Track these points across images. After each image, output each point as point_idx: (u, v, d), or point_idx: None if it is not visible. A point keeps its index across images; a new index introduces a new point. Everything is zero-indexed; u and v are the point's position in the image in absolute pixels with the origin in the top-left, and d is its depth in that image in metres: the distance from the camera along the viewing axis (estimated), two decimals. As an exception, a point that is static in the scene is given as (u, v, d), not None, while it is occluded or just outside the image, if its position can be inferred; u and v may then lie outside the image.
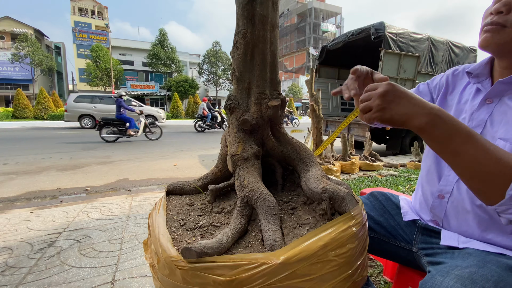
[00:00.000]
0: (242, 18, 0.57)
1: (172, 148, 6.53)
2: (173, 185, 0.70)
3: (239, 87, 0.60)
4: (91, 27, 34.53)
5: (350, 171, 3.37)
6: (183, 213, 0.58)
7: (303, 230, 0.49)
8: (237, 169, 0.58)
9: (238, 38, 0.56)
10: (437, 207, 0.64)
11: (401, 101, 0.45)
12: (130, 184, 3.55)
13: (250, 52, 0.59)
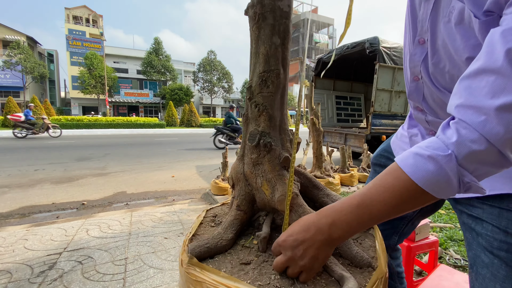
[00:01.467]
0: (274, 59, 0.58)
1: (169, 159, 6.47)
2: (198, 249, 0.54)
3: (271, 124, 0.61)
4: (85, 35, 34.45)
5: (350, 183, 3.40)
6: (249, 279, 0.50)
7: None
8: (292, 213, 0.58)
9: (270, 77, 0.58)
10: (413, 91, 0.62)
11: (303, 245, 0.44)
12: (127, 197, 3.50)
13: (281, 91, 0.61)
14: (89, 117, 16.13)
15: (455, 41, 0.47)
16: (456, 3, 0.44)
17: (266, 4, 0.58)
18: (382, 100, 5.02)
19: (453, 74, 0.51)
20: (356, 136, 5.27)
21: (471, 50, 0.45)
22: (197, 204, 2.94)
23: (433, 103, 0.59)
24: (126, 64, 37.78)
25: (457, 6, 0.44)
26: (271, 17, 0.57)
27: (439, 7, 0.49)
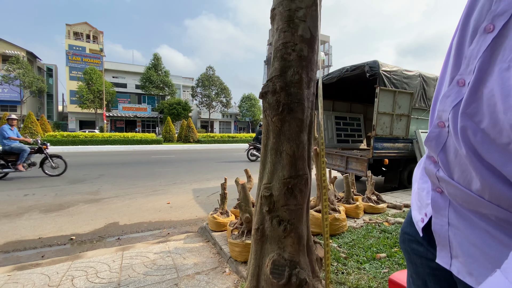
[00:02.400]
0: (302, 161, 0.47)
1: (165, 181, 6.28)
2: None
3: (300, 247, 0.49)
4: (85, 51, 34.84)
5: (355, 215, 3.24)
6: None
7: None
8: None
9: (298, 184, 0.49)
10: (433, 138, 0.50)
11: None
12: (120, 230, 3.29)
13: (307, 199, 0.48)
14: (85, 133, 15.93)
15: (509, 97, 0.36)
16: None
17: (293, 93, 0.46)
18: (384, 124, 4.94)
19: (489, 135, 0.39)
20: (358, 160, 5.16)
21: None
22: (193, 241, 2.75)
23: (453, 159, 0.47)
24: (125, 79, 38.04)
25: None
26: (300, 110, 0.46)
27: (499, 46, 0.38)
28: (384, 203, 3.58)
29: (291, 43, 0.48)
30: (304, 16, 0.47)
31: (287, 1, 0.49)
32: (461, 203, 0.49)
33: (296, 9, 0.48)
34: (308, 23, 0.47)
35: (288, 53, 0.48)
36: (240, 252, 2.10)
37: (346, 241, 2.41)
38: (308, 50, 0.47)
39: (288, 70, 0.47)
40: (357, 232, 2.62)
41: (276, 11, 0.51)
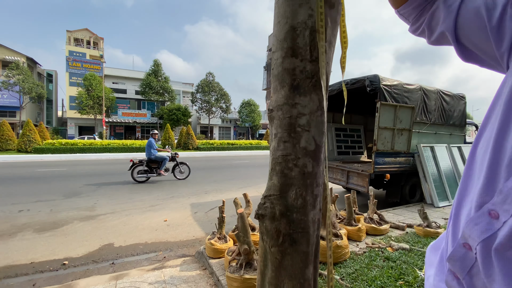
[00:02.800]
0: None
1: (162, 194, 6.18)
2: None
3: None
4: (86, 57, 34.96)
5: (357, 238, 3.15)
6: None
7: None
8: None
9: None
10: (458, 259, 0.42)
11: None
12: (114, 253, 3.19)
13: None
14: (84, 141, 15.83)
15: None
16: None
17: (296, 220, 0.39)
18: (385, 138, 4.88)
19: None
20: (359, 175, 5.08)
21: None
22: (190, 268, 2.65)
23: (481, 287, 0.40)
24: (125, 84, 38.12)
25: None
26: (305, 242, 0.39)
27: None
28: (386, 224, 3.49)
29: (293, 156, 0.41)
30: (307, 125, 0.41)
31: (287, 106, 0.42)
32: None
33: (298, 115, 0.41)
34: (312, 132, 0.40)
35: (289, 168, 0.41)
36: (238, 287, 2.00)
37: (349, 271, 2.31)
38: (313, 164, 0.40)
39: (289, 190, 0.40)
40: (360, 260, 2.53)
41: (274, 114, 0.44)
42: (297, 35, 0.41)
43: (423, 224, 3.32)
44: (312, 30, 0.40)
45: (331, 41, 0.43)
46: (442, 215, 4.41)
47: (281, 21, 0.42)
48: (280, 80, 0.42)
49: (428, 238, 3.15)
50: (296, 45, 0.41)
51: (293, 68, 0.41)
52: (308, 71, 0.40)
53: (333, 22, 0.43)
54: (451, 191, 5.46)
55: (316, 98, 0.40)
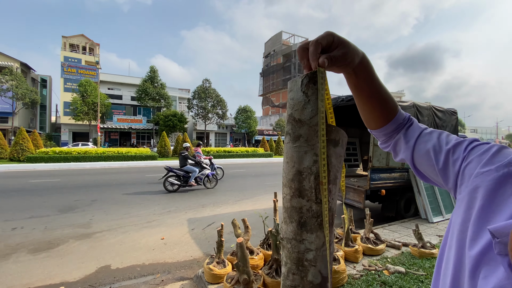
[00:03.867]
0: None
1: (158, 208, 6.15)
2: None
3: None
4: (81, 62, 34.83)
5: (354, 259, 3.19)
6: None
7: None
8: None
9: None
10: None
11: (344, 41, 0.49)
12: (111, 276, 3.17)
13: None
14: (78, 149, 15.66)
15: None
16: None
17: None
18: (380, 155, 4.96)
19: None
20: (355, 190, 5.14)
21: None
22: (188, 294, 2.66)
23: None
24: (120, 90, 38.00)
25: None
26: None
27: None
28: (382, 244, 3.54)
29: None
30: (314, 260, 0.45)
31: (295, 241, 0.46)
32: None
33: (306, 251, 0.45)
34: (318, 266, 0.44)
35: None
36: (238, 319, 2.02)
37: (346, 298, 2.34)
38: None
39: None
40: (357, 286, 2.56)
41: (285, 244, 0.49)
42: (303, 179, 0.45)
43: (418, 245, 3.38)
44: (316, 176, 0.45)
45: (336, 177, 0.48)
46: (437, 231, 4.48)
47: (289, 162, 0.47)
48: (289, 214, 0.47)
49: (423, 259, 3.21)
50: (303, 187, 0.45)
51: (300, 207, 0.46)
52: (314, 210, 0.45)
53: (337, 158, 0.48)
54: (445, 205, 5.56)
55: (322, 235, 0.45)
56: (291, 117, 0.47)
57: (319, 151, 0.44)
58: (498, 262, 0.36)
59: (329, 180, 0.45)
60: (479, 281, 0.38)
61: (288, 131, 0.47)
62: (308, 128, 0.45)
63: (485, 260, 0.38)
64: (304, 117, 0.45)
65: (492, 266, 0.37)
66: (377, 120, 0.61)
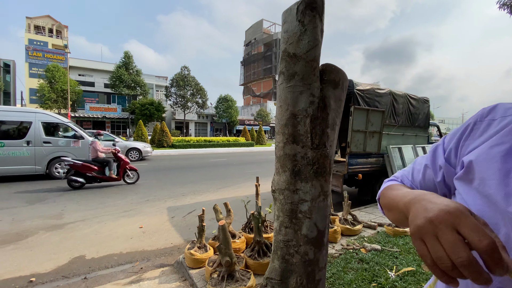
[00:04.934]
0: None
1: (136, 197, 5.96)
2: None
3: None
4: (48, 46, 32.24)
5: (333, 240, 3.30)
6: None
7: None
8: None
9: None
10: None
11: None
12: (86, 266, 3.04)
13: None
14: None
15: None
16: None
17: None
18: (358, 141, 5.11)
19: None
20: (334, 175, 5.28)
21: None
22: (169, 280, 2.61)
23: None
24: (92, 77, 35.83)
25: None
26: None
27: None
28: (360, 224, 3.69)
29: (294, 243, 0.42)
30: (309, 211, 0.42)
31: (288, 192, 0.43)
32: None
33: (300, 201, 0.42)
34: (314, 218, 0.42)
35: (290, 254, 0.42)
36: (220, 300, 2.02)
37: (327, 276, 2.42)
38: (315, 251, 0.41)
39: (290, 277, 0.42)
40: (336, 264, 2.65)
41: (276, 196, 0.45)
42: (297, 122, 0.42)
43: (392, 224, 3.56)
44: (313, 118, 0.41)
45: (335, 123, 0.45)
46: (409, 212, 4.74)
47: (282, 106, 0.43)
48: (281, 163, 0.43)
49: (397, 237, 3.39)
50: (297, 132, 0.42)
51: (294, 154, 0.43)
52: (310, 157, 0.42)
53: (337, 101, 0.45)
54: (416, 188, 5.89)
55: (318, 184, 0.42)
56: (285, 53, 0.43)
57: (316, 90, 0.40)
58: None
59: (327, 124, 0.41)
60: None
61: (282, 70, 0.43)
62: (304, 63, 0.41)
63: None
64: (300, 51, 0.41)
65: None
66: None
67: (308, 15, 0.41)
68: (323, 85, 0.41)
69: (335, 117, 0.43)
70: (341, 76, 0.44)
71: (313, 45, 0.40)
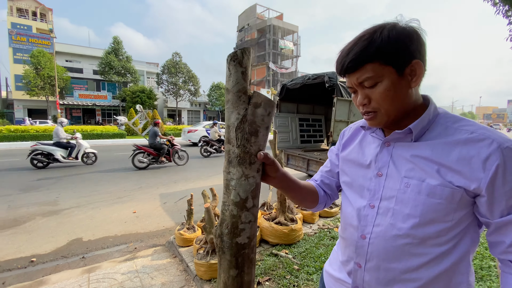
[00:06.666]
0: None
1: (129, 185, 6.17)
2: None
3: None
4: (32, 30, 31.02)
5: (311, 221, 3.62)
6: None
7: None
8: None
9: None
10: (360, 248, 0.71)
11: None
12: (84, 247, 3.29)
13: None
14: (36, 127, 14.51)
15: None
16: None
17: (225, 241, 0.65)
18: (340, 130, 5.38)
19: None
20: (317, 163, 5.59)
21: None
22: (161, 257, 2.89)
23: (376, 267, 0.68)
24: (80, 63, 34.85)
25: None
26: (229, 253, 0.65)
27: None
28: (337, 207, 4.02)
29: (227, 203, 0.67)
30: (235, 186, 0.66)
31: (225, 173, 0.68)
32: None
33: (230, 179, 0.67)
34: (238, 190, 0.66)
35: (225, 210, 0.67)
36: (205, 272, 2.31)
37: (300, 250, 2.74)
38: (238, 210, 0.65)
39: (223, 224, 0.66)
40: (310, 240, 2.97)
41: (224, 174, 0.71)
42: (230, 131, 0.66)
43: (365, 207, 3.91)
44: (237, 128, 0.65)
45: (257, 130, 0.68)
46: (385, 197, 5.11)
47: (226, 118, 0.67)
48: (225, 156, 0.69)
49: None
50: (230, 137, 0.66)
51: (228, 150, 0.67)
52: (236, 153, 0.66)
53: (257, 116, 0.67)
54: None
55: (240, 170, 0.66)
56: (225, 88, 0.67)
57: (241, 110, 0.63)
58: None
59: (247, 132, 0.64)
60: None
61: (225, 98, 0.67)
62: (232, 94, 0.64)
63: None
64: (229, 86, 0.64)
65: None
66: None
67: (231, 64, 0.64)
68: (249, 106, 0.63)
69: (257, 127, 0.66)
70: (262, 99, 0.66)
71: (236, 83, 0.63)
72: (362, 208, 0.72)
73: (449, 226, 0.61)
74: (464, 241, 0.63)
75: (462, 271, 0.64)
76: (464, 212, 0.61)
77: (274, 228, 2.94)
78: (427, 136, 0.65)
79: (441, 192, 0.59)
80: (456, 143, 0.60)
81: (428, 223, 0.61)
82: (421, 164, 0.63)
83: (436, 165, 0.61)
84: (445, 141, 0.62)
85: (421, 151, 0.64)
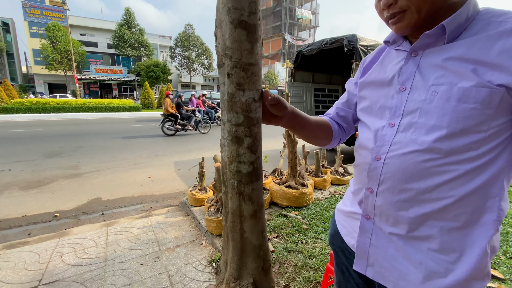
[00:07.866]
0: None
1: (145, 153, 6.34)
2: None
3: None
4: (45, 2, 30.97)
5: (322, 187, 3.59)
6: None
7: None
8: None
9: None
10: (373, 170, 0.62)
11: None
12: (103, 205, 3.46)
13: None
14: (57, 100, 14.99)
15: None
16: None
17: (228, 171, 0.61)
18: (357, 99, 5.15)
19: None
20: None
21: None
22: (174, 215, 3.00)
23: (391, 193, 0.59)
24: (94, 36, 34.86)
25: None
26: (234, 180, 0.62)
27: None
28: (350, 175, 3.95)
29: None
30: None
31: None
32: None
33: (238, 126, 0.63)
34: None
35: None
36: (215, 227, 2.36)
37: (310, 212, 2.74)
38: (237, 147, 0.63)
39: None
40: (321, 204, 2.96)
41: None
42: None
43: (380, 175, 3.80)
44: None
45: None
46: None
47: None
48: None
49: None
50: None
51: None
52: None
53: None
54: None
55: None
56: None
57: None
58: None
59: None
60: None
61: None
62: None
63: None
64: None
65: None
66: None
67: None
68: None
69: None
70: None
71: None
72: (380, 129, 0.63)
73: (483, 138, 0.51)
74: (500, 159, 0.53)
75: (493, 193, 0.54)
76: (504, 120, 0.51)
77: (284, 191, 2.94)
78: (463, 36, 0.54)
79: (476, 94, 0.49)
80: (500, 35, 0.49)
81: (457, 134, 0.51)
82: (453, 67, 0.53)
83: (472, 64, 0.51)
84: (486, 35, 0.51)
85: (455, 52, 0.53)
